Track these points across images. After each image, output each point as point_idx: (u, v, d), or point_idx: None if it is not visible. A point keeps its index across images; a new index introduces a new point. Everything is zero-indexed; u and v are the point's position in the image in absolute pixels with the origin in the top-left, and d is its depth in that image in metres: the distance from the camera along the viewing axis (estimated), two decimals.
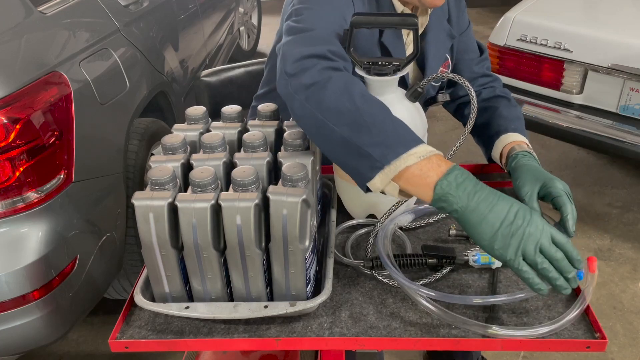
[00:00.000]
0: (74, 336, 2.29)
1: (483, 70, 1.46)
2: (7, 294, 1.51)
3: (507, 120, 1.30)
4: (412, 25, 1.05)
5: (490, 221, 0.85)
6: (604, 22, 2.66)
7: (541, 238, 0.84)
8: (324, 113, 0.92)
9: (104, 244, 1.82)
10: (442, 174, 0.86)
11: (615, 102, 2.53)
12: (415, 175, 0.87)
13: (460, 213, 0.86)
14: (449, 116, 1.62)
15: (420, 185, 0.88)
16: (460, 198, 0.85)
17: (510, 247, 0.84)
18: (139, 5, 2.39)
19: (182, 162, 0.99)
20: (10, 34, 1.66)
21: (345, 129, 0.90)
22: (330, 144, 0.93)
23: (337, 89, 0.93)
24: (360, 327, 0.96)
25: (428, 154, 0.88)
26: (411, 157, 0.87)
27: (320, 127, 0.93)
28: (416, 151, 0.88)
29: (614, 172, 3.33)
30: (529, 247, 0.84)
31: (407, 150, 0.88)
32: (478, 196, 0.86)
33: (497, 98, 1.40)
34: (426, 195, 0.88)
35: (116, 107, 1.96)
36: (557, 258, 0.85)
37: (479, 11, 6.33)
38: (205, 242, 0.89)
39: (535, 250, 0.84)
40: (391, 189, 0.90)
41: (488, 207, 0.85)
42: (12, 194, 1.52)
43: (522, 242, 0.84)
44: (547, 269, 0.85)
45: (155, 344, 0.96)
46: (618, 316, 2.32)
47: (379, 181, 0.89)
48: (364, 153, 0.89)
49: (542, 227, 0.85)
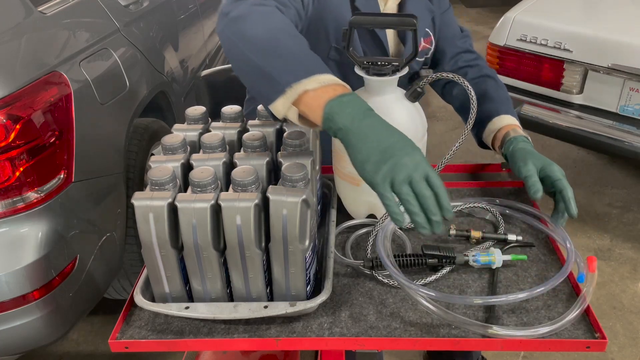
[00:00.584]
0: (74, 336, 2.29)
1: (466, 47, 1.47)
2: (7, 294, 1.51)
3: (496, 102, 1.33)
4: (410, 26, 1.05)
5: (369, 144, 0.86)
6: (604, 22, 2.65)
7: (414, 172, 0.84)
8: (243, 42, 0.97)
9: (104, 244, 1.82)
10: (335, 97, 0.89)
11: (615, 102, 2.53)
12: (312, 98, 0.90)
13: (344, 132, 0.88)
14: (449, 116, 1.62)
15: (314, 107, 0.90)
16: (345, 118, 0.87)
17: (380, 172, 0.84)
18: (139, 5, 2.39)
19: (182, 162, 0.99)
20: (10, 34, 1.66)
21: (259, 56, 0.95)
22: (247, 72, 0.99)
23: (256, 20, 0.99)
24: (360, 327, 0.96)
25: (330, 82, 0.91)
26: (312, 82, 0.90)
27: (239, 56, 0.99)
28: (319, 78, 0.91)
29: (614, 172, 3.33)
30: (398, 176, 0.83)
31: (310, 76, 0.91)
32: (364, 119, 0.87)
33: (485, 78, 1.41)
34: (318, 117, 0.90)
35: (116, 107, 1.96)
36: (424, 195, 0.84)
37: (479, 11, 6.33)
38: (205, 242, 0.89)
39: (404, 181, 0.83)
40: (292, 114, 0.94)
41: (370, 131, 0.87)
42: (12, 194, 1.52)
43: (393, 170, 0.84)
44: (409, 201, 0.84)
45: (155, 344, 0.96)
46: (618, 316, 2.32)
47: (281, 104, 0.92)
48: (271, 78, 0.93)
49: (419, 163, 0.84)
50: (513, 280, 1.06)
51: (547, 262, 1.10)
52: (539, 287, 0.95)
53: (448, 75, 1.08)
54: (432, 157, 1.14)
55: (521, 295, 0.94)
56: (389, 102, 1.09)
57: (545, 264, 1.10)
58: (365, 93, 1.11)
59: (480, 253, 1.07)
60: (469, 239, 1.15)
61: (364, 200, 1.19)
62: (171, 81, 2.53)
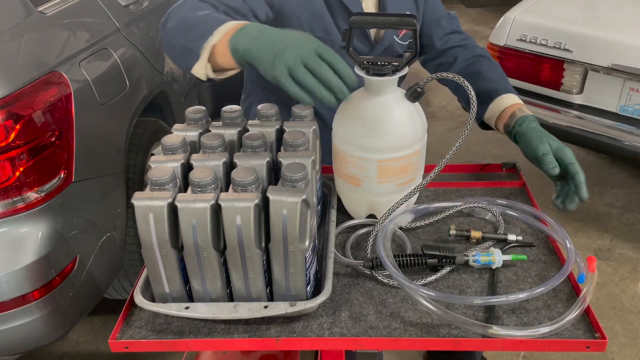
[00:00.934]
0: (74, 336, 2.29)
1: (453, 28, 1.48)
2: (7, 294, 1.51)
3: (494, 82, 1.33)
4: (410, 26, 1.05)
5: (267, 51, 0.94)
6: (604, 22, 2.65)
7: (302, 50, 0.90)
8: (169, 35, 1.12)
9: (104, 244, 1.82)
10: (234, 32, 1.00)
11: (615, 102, 2.53)
12: (220, 48, 1.02)
13: (248, 53, 0.97)
14: (449, 116, 1.62)
15: (224, 53, 1.02)
16: (244, 41, 0.98)
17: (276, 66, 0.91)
18: (139, 5, 2.39)
19: (182, 162, 0.99)
20: (10, 34, 1.66)
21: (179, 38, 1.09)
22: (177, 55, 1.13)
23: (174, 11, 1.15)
24: (360, 327, 0.96)
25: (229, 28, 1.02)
26: (215, 37, 1.03)
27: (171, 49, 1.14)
28: (219, 29, 1.03)
29: (614, 172, 3.33)
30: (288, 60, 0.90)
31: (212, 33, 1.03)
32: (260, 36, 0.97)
33: (478, 58, 1.41)
34: (227, 55, 1.01)
35: (116, 107, 1.96)
36: (318, 68, 0.90)
37: (479, 11, 6.33)
38: (205, 242, 0.89)
39: (296, 62, 0.90)
40: (208, 70, 1.06)
41: (267, 41, 0.95)
42: (12, 194, 1.52)
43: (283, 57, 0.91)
44: (306, 80, 0.90)
45: (155, 344, 0.96)
46: (618, 316, 2.32)
47: (198, 67, 1.05)
48: (190, 50, 1.06)
49: (306, 42, 0.92)
50: (513, 280, 1.06)
51: (547, 262, 1.10)
52: (539, 287, 0.95)
53: (448, 75, 1.08)
54: (432, 157, 1.15)
55: (521, 296, 0.94)
56: (389, 102, 1.09)
57: (545, 264, 1.10)
58: (365, 93, 1.11)
59: (480, 253, 1.07)
60: (469, 239, 1.15)
61: (364, 200, 1.19)
62: (171, 81, 2.53)
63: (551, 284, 0.96)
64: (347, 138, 1.12)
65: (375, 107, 1.09)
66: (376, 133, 1.08)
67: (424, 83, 1.09)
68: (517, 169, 1.40)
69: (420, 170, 1.18)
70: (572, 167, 1.11)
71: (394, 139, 1.09)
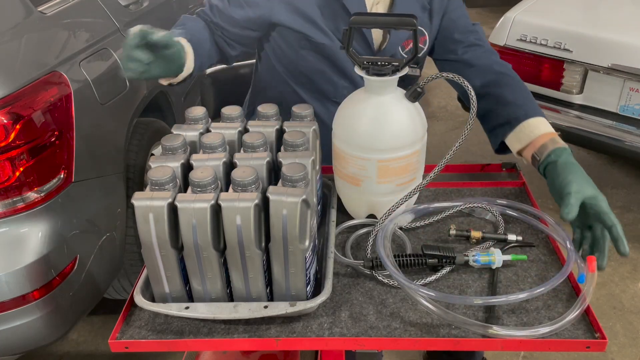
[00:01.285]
0: (74, 336, 2.29)
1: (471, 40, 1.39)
2: (7, 294, 1.51)
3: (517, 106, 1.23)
4: (410, 26, 1.05)
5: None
6: (604, 22, 2.65)
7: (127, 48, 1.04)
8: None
9: (104, 244, 1.82)
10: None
11: (615, 102, 2.53)
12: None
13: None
14: (449, 116, 1.62)
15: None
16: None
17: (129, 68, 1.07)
18: (139, 5, 2.39)
19: (182, 162, 0.99)
20: (10, 34, 1.66)
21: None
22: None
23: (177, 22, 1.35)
24: (360, 327, 0.96)
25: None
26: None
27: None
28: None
29: (614, 172, 3.33)
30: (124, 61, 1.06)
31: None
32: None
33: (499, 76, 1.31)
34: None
35: (116, 107, 1.96)
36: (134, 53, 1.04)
37: (479, 11, 6.33)
38: (205, 242, 0.89)
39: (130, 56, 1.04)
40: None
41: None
42: (12, 194, 1.52)
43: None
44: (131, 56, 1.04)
45: (155, 344, 0.96)
46: (618, 316, 2.32)
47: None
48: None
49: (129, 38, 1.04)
50: (513, 280, 1.06)
51: (547, 262, 1.10)
52: (539, 287, 0.95)
53: (448, 75, 1.08)
54: (432, 157, 1.15)
55: (521, 296, 0.94)
56: (389, 102, 1.09)
57: (545, 264, 1.10)
58: (366, 93, 1.11)
59: (480, 253, 1.07)
60: (469, 239, 1.15)
61: (364, 200, 1.19)
62: None
63: (551, 284, 0.96)
64: (347, 138, 1.12)
65: (375, 107, 1.09)
66: (376, 133, 1.08)
67: (424, 83, 1.09)
68: (517, 169, 1.40)
69: (420, 170, 1.18)
70: (608, 218, 1.00)
71: (394, 139, 1.09)
